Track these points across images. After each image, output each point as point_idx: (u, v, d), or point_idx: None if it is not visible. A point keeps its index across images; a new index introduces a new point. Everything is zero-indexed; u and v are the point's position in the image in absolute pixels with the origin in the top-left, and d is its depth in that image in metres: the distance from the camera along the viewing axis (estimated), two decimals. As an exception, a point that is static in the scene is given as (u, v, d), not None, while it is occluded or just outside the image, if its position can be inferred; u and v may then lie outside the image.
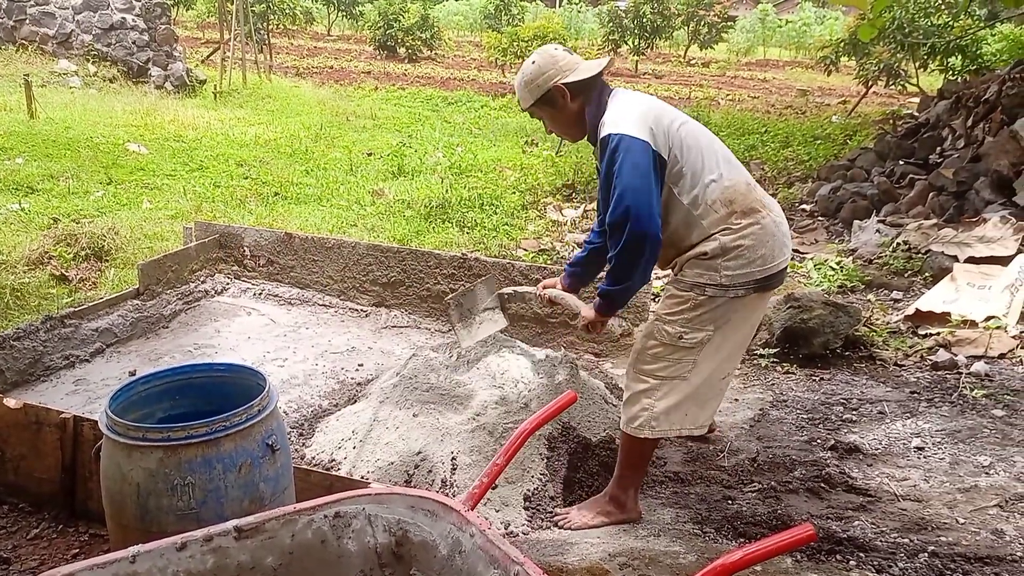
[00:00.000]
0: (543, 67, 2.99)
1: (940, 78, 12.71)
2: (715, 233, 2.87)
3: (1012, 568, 2.58)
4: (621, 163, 2.78)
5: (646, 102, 2.99)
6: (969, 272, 5.25)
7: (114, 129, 9.95)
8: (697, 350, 2.92)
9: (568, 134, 3.16)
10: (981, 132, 7.47)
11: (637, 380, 3.02)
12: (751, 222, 2.88)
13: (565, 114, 3.04)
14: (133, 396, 2.40)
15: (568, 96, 2.99)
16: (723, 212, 2.88)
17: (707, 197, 2.88)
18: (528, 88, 3.03)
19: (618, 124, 2.85)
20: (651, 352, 2.98)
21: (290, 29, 26.82)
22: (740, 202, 2.90)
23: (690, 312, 2.90)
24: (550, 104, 3.03)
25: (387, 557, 1.85)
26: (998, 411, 3.81)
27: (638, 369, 3.02)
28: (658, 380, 2.96)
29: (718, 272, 2.87)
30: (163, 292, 5.13)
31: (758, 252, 2.87)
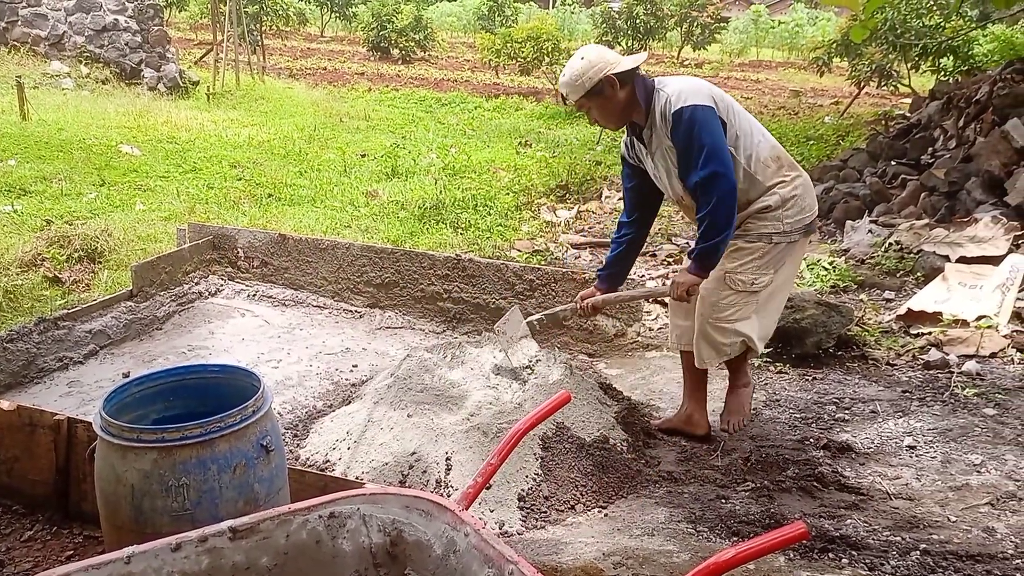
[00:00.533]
0: (593, 61, 3.27)
1: (932, 79, 12.77)
2: (773, 187, 3.36)
3: (1003, 565, 2.60)
4: (700, 128, 3.17)
5: (695, 79, 3.39)
6: (960, 272, 5.28)
7: (107, 131, 9.93)
8: (763, 292, 3.45)
9: (612, 122, 3.45)
10: (972, 132, 7.50)
11: (718, 330, 3.52)
12: (797, 174, 3.42)
13: (613, 102, 3.33)
14: (127, 398, 2.39)
15: (617, 85, 3.28)
16: (774, 167, 3.37)
17: (759, 155, 3.35)
18: (580, 81, 3.27)
19: (685, 98, 3.22)
20: (725, 302, 3.47)
21: (283, 30, 26.76)
22: (784, 158, 3.42)
23: (759, 260, 3.40)
24: (600, 94, 3.30)
25: (382, 557, 1.85)
26: (989, 410, 3.83)
27: (715, 319, 3.50)
28: (731, 325, 3.49)
29: (781, 222, 3.38)
30: (157, 294, 5.13)
31: (806, 200, 3.43)
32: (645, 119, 3.35)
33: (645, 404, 4.12)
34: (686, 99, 3.20)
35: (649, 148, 3.42)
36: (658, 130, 3.32)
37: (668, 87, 3.30)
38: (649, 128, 3.35)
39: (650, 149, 3.41)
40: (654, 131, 3.34)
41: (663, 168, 3.42)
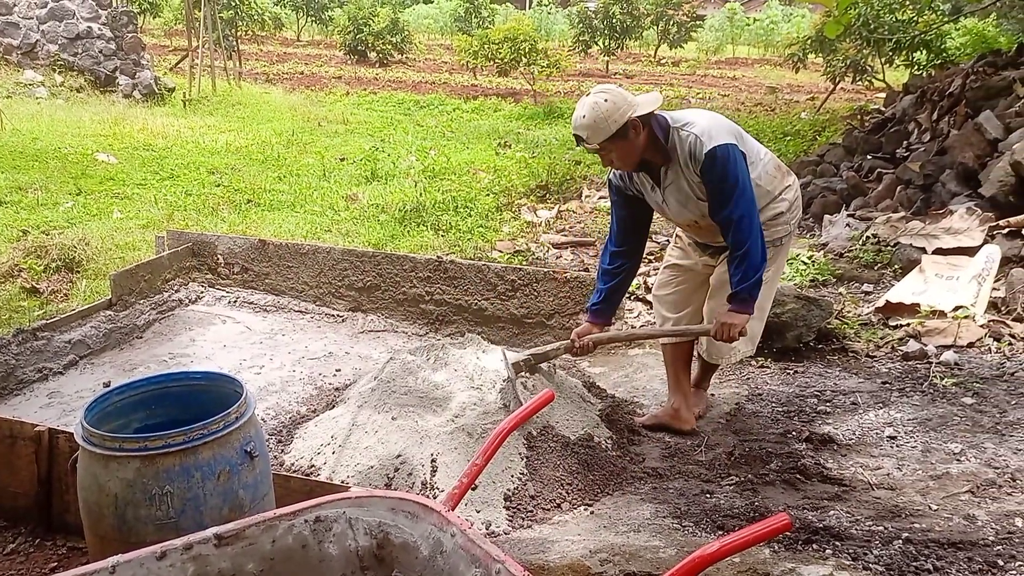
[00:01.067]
0: (619, 104, 3.22)
1: (905, 73, 12.88)
2: (780, 194, 3.53)
3: (984, 552, 2.63)
4: (733, 167, 3.25)
5: (707, 113, 3.45)
6: (937, 263, 5.33)
7: (82, 139, 9.85)
8: (767, 284, 3.55)
9: (631, 164, 3.38)
10: (946, 126, 7.59)
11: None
12: (792, 177, 3.64)
13: (635, 145, 3.29)
14: (108, 407, 2.38)
15: (640, 128, 3.27)
16: (779, 176, 3.55)
17: (766, 169, 3.49)
18: (605, 124, 3.21)
19: (714, 136, 3.26)
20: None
21: (259, 35, 26.61)
22: (782, 164, 3.62)
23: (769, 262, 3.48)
24: (623, 137, 3.25)
25: (368, 560, 1.85)
26: (968, 399, 3.87)
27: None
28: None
29: (788, 224, 3.60)
30: (136, 302, 5.10)
31: (799, 201, 3.66)
32: (662, 157, 3.34)
33: (629, 401, 4.14)
34: (716, 138, 3.25)
35: (660, 184, 3.42)
36: (680, 168, 3.33)
37: (691, 125, 3.30)
38: (667, 166, 3.36)
39: (662, 184, 3.41)
40: (674, 168, 3.35)
41: (677, 199, 3.42)
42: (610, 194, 3.65)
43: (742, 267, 3.30)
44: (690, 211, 3.45)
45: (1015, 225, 5.51)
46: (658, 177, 3.42)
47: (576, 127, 3.28)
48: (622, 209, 3.61)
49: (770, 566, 2.54)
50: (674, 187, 3.40)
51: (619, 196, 3.60)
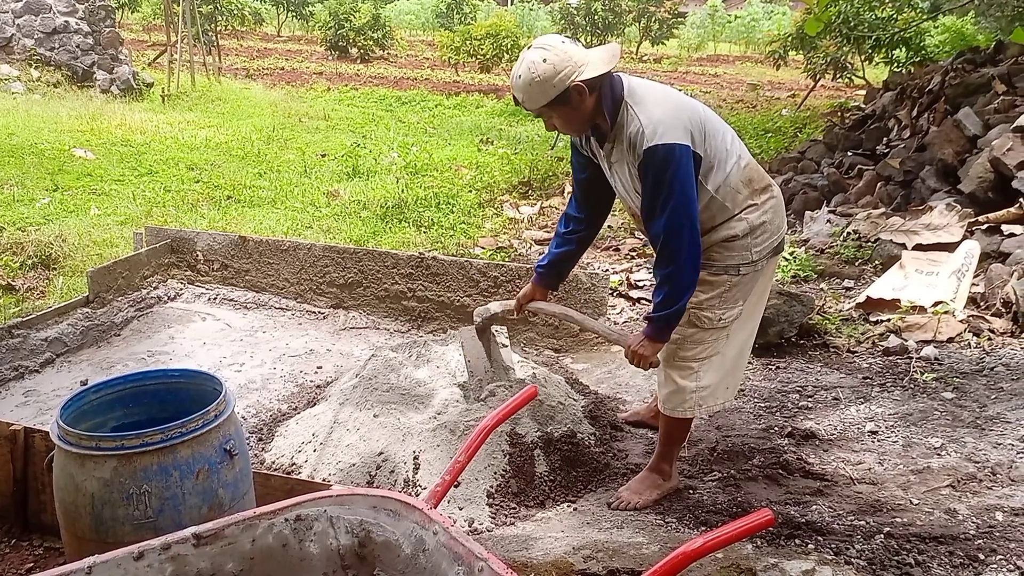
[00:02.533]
0: (558, 66, 2.72)
1: (885, 70, 12.98)
2: (739, 213, 2.92)
3: (965, 546, 2.65)
4: (673, 173, 2.72)
5: (673, 97, 2.90)
6: (917, 259, 5.36)
7: (59, 135, 9.73)
8: (732, 326, 3.03)
9: (575, 130, 2.96)
10: (926, 122, 7.64)
11: (680, 369, 3.07)
12: (769, 196, 2.99)
13: (580, 112, 2.82)
14: (85, 405, 2.35)
15: (585, 93, 2.77)
16: (745, 192, 2.93)
17: (730, 181, 2.90)
18: (541, 88, 2.75)
19: (661, 133, 2.73)
20: (691, 339, 3.02)
21: (239, 30, 26.46)
22: (757, 179, 2.97)
23: (726, 294, 2.98)
24: (566, 103, 2.79)
25: (350, 558, 1.84)
26: (948, 394, 3.90)
27: (680, 358, 3.06)
28: (699, 362, 3.04)
29: (749, 251, 2.95)
30: (114, 299, 5.03)
31: (775, 222, 3.00)
32: (610, 129, 2.87)
33: (612, 398, 4.14)
34: (663, 135, 2.72)
35: (608, 157, 2.98)
36: (623, 150, 2.87)
37: (642, 111, 2.78)
38: (612, 142, 2.91)
39: (609, 158, 2.98)
40: (617, 147, 2.90)
41: (620, 181, 3.01)
42: (572, 153, 3.23)
43: (664, 289, 2.84)
44: (631, 200, 3.03)
45: (994, 221, 5.56)
46: (605, 150, 2.98)
47: (512, 87, 2.86)
48: (582, 171, 3.18)
49: (753, 561, 2.54)
50: (618, 166, 2.96)
51: (576, 155, 3.18)
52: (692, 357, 3.04)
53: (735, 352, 3.09)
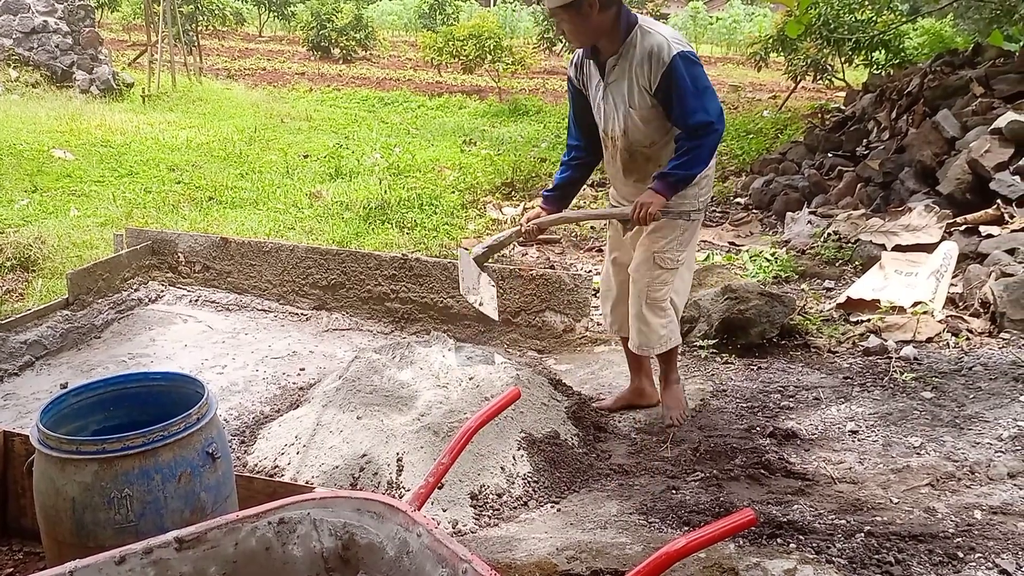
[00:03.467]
0: None
1: (865, 72, 13.06)
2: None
3: (945, 544, 2.67)
4: (700, 74, 3.27)
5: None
6: (896, 260, 5.41)
7: (38, 135, 9.65)
8: (684, 266, 3.64)
9: (581, 41, 3.37)
10: (905, 124, 7.71)
11: (654, 310, 3.62)
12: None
13: (589, 22, 3.23)
14: (65, 409, 2.33)
15: (597, 7, 3.19)
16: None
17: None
18: None
19: (683, 44, 3.29)
20: (659, 281, 3.58)
21: (220, 30, 26.29)
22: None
23: (681, 236, 3.54)
24: (577, 10, 3.19)
25: (334, 561, 1.83)
26: (927, 393, 3.93)
27: (652, 300, 3.61)
28: (665, 300, 3.63)
29: (696, 200, 3.52)
30: (94, 301, 5.00)
31: (711, 178, 3.59)
32: (616, 49, 3.30)
33: (595, 399, 4.15)
34: (686, 46, 3.28)
35: (605, 78, 3.38)
36: (630, 67, 3.29)
37: (660, 30, 3.29)
38: (617, 58, 3.31)
39: (606, 79, 3.38)
40: (622, 64, 3.31)
41: (615, 99, 3.38)
42: (568, 83, 3.63)
43: (685, 156, 3.28)
44: (620, 118, 3.39)
45: (972, 222, 5.61)
46: (603, 69, 3.38)
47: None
48: (575, 103, 3.61)
49: (735, 561, 2.56)
50: (616, 85, 3.36)
51: (572, 88, 3.60)
52: (661, 297, 3.61)
53: (686, 289, 3.79)
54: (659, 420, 3.88)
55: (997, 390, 3.83)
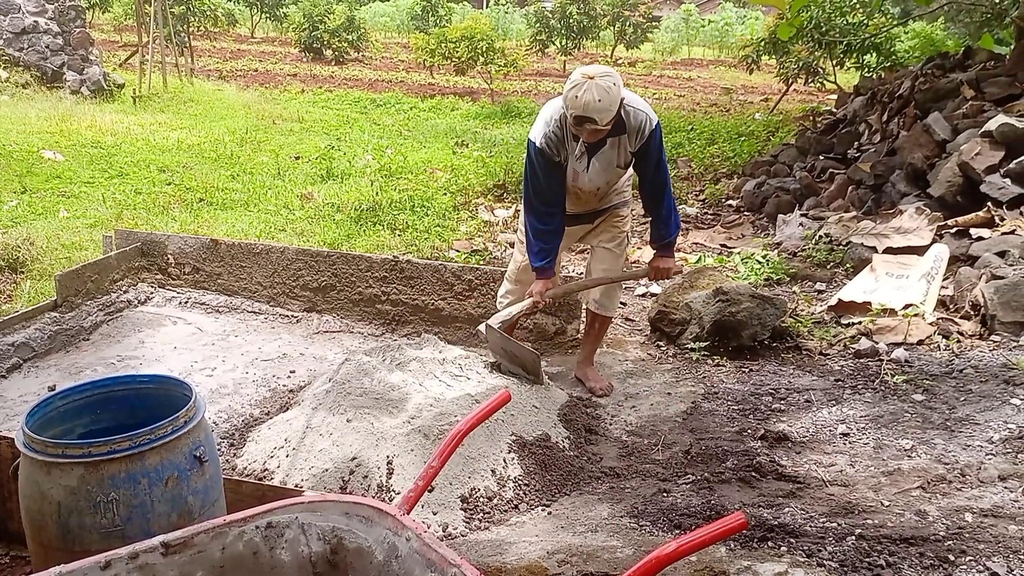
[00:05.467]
0: (620, 87, 3.58)
1: (856, 75, 13.11)
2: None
3: (936, 547, 2.67)
4: (662, 138, 3.89)
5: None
6: (887, 262, 5.42)
7: (28, 136, 9.59)
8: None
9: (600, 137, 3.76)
10: (896, 127, 7.73)
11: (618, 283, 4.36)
12: None
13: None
14: (51, 412, 2.31)
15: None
16: None
17: None
18: (613, 107, 3.55)
19: (651, 116, 3.80)
20: (623, 256, 4.29)
21: (212, 31, 26.22)
22: None
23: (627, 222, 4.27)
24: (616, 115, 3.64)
25: (322, 566, 1.82)
26: (918, 396, 3.94)
27: (622, 273, 4.36)
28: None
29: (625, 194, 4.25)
30: (83, 303, 4.96)
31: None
32: (615, 130, 3.73)
33: (586, 400, 4.14)
34: (653, 118, 3.79)
35: (593, 152, 3.81)
36: (621, 140, 3.80)
37: (637, 105, 3.77)
38: (615, 137, 3.77)
39: (594, 153, 3.81)
40: (614, 139, 3.78)
41: (601, 166, 3.86)
42: (538, 160, 3.83)
43: (671, 219, 4.05)
44: (604, 177, 3.93)
45: (963, 224, 5.63)
46: (595, 146, 3.79)
47: (591, 111, 3.51)
48: (550, 175, 3.85)
49: (726, 564, 2.55)
50: (604, 155, 3.83)
51: (547, 162, 3.82)
52: (621, 267, 4.31)
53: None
54: (650, 422, 3.87)
55: (988, 392, 3.84)
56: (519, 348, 3.98)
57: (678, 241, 6.59)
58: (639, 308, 5.48)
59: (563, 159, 3.82)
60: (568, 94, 3.55)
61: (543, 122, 3.80)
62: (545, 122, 3.79)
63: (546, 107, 3.89)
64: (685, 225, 7.64)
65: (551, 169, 3.83)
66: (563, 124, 3.75)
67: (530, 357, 3.95)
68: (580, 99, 3.51)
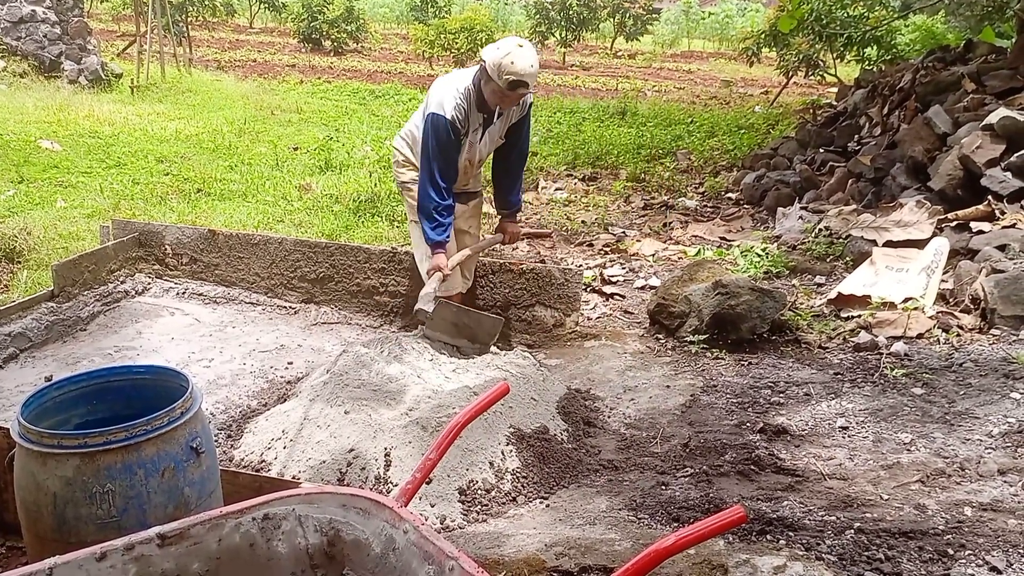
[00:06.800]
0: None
1: (857, 68, 13.08)
2: None
3: (935, 541, 2.66)
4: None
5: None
6: (887, 256, 5.41)
7: (25, 126, 9.55)
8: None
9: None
10: (896, 120, 7.71)
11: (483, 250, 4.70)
12: None
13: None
14: (47, 402, 2.30)
15: None
16: None
17: None
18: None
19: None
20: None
21: (210, 21, 26.14)
22: None
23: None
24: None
25: (319, 558, 1.81)
26: (917, 389, 3.93)
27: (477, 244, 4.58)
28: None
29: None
30: (80, 293, 4.94)
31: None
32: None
33: (585, 394, 4.13)
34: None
35: (488, 127, 4.07)
36: (511, 111, 4.07)
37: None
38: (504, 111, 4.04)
39: (488, 127, 4.08)
40: (506, 113, 4.06)
41: (490, 139, 4.14)
42: (448, 134, 3.93)
43: (521, 180, 4.49)
44: (488, 149, 4.21)
45: (963, 218, 5.62)
46: (491, 121, 4.05)
47: (527, 75, 3.73)
48: (455, 151, 4.02)
49: (725, 557, 2.54)
50: (495, 127, 4.10)
51: (455, 136, 3.97)
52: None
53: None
54: (649, 415, 3.87)
55: (987, 386, 3.83)
56: (479, 316, 4.22)
57: (677, 233, 6.67)
58: (638, 301, 5.46)
59: (466, 132, 4.01)
60: (503, 60, 3.71)
61: (449, 96, 3.92)
62: (453, 96, 3.92)
63: (445, 83, 4.01)
64: (684, 218, 7.63)
65: (456, 143, 3.99)
66: (469, 97, 3.93)
67: (490, 321, 4.19)
68: (517, 64, 3.69)
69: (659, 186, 8.76)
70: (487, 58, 3.81)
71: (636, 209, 7.98)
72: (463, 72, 4.08)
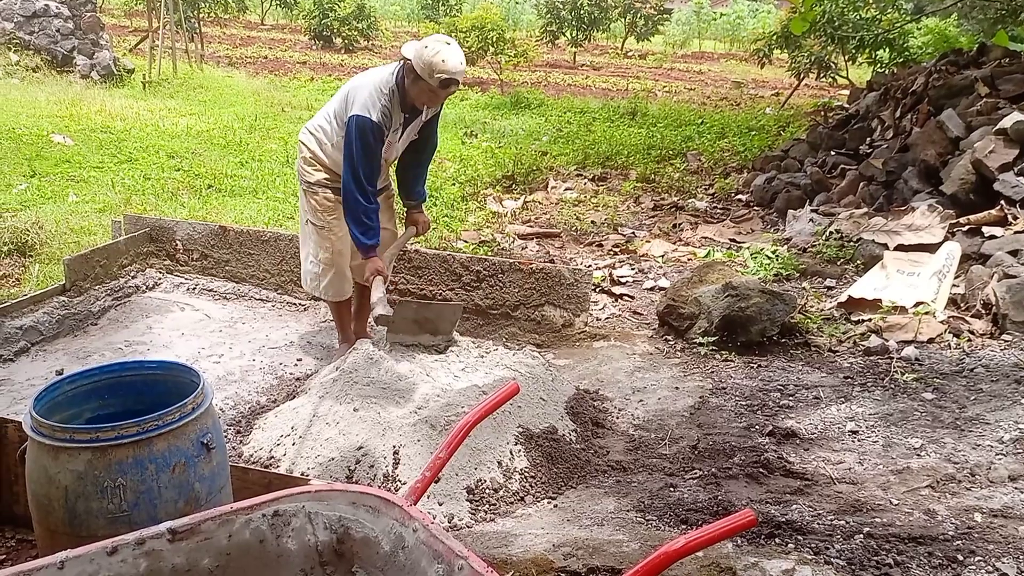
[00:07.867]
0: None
1: (869, 70, 13.04)
2: None
3: (944, 547, 2.66)
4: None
5: None
6: (899, 259, 5.39)
7: (38, 120, 9.60)
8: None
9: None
10: (909, 123, 7.68)
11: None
12: None
13: None
14: (59, 396, 2.31)
15: None
16: None
17: None
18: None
19: None
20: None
21: (222, 18, 26.19)
22: None
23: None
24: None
25: (328, 555, 1.81)
26: (928, 394, 3.91)
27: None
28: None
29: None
30: (91, 288, 4.96)
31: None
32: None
33: (593, 394, 4.13)
34: None
35: (410, 123, 4.04)
36: (428, 109, 4.06)
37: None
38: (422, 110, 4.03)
39: (409, 124, 4.04)
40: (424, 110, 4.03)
41: (407, 137, 4.11)
42: (374, 136, 3.86)
43: (426, 175, 4.52)
44: (403, 145, 4.17)
45: (975, 223, 5.59)
46: (411, 116, 4.01)
47: (458, 73, 3.74)
48: (378, 150, 3.95)
49: (733, 560, 2.54)
50: (413, 125, 4.08)
51: (380, 137, 3.90)
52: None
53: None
54: (658, 416, 3.86)
55: (998, 392, 3.81)
56: (439, 307, 4.32)
57: (687, 235, 6.65)
58: (647, 302, 5.45)
59: (389, 131, 3.95)
60: (434, 60, 3.67)
61: (374, 98, 3.84)
62: (377, 97, 3.84)
63: (366, 83, 3.93)
64: (694, 219, 7.62)
65: (380, 144, 3.93)
66: (393, 96, 3.87)
67: (450, 310, 4.26)
68: (449, 63, 3.69)
69: (669, 187, 8.74)
70: (413, 57, 3.75)
71: (646, 210, 7.97)
72: (381, 70, 4.01)
